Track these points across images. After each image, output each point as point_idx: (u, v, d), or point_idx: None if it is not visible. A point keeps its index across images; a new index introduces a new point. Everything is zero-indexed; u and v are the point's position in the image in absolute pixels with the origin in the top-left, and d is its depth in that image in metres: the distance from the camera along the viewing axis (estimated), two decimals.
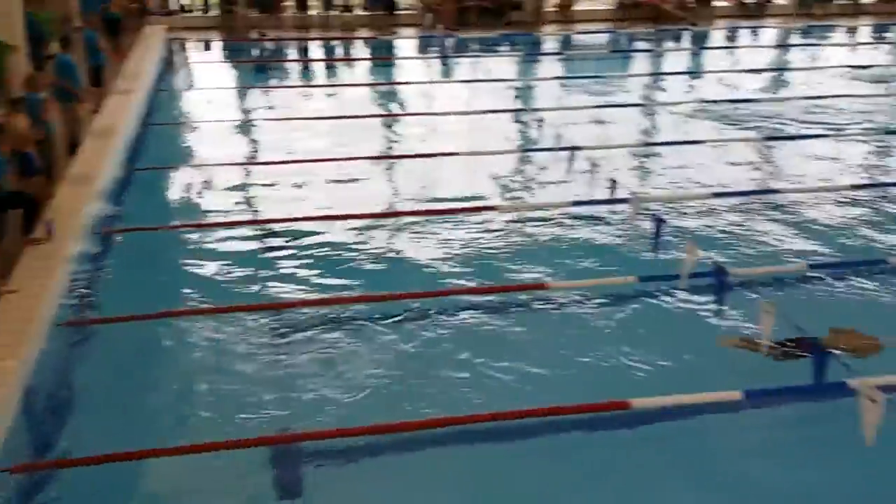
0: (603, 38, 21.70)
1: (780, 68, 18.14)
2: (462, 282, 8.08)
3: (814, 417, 6.10)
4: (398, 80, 17.81)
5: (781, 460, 5.70)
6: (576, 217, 9.68)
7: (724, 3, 24.28)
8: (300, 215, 9.73)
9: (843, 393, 5.77)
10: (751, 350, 6.48)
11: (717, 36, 22.29)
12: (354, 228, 9.44)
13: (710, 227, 9.48)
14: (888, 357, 6.64)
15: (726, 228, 9.43)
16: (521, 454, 5.78)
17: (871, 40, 21.90)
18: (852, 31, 22.77)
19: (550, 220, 9.67)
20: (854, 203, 10.16)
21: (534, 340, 7.09)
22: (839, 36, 22.28)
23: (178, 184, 11.19)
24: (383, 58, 19.99)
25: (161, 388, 6.51)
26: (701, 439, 5.99)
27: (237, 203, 10.42)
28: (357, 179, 11.23)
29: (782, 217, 9.73)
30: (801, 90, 16.06)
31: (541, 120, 11.24)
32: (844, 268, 8.33)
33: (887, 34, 22.38)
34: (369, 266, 8.56)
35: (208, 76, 18.26)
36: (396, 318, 7.40)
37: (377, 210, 10.04)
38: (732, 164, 11.79)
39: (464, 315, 7.50)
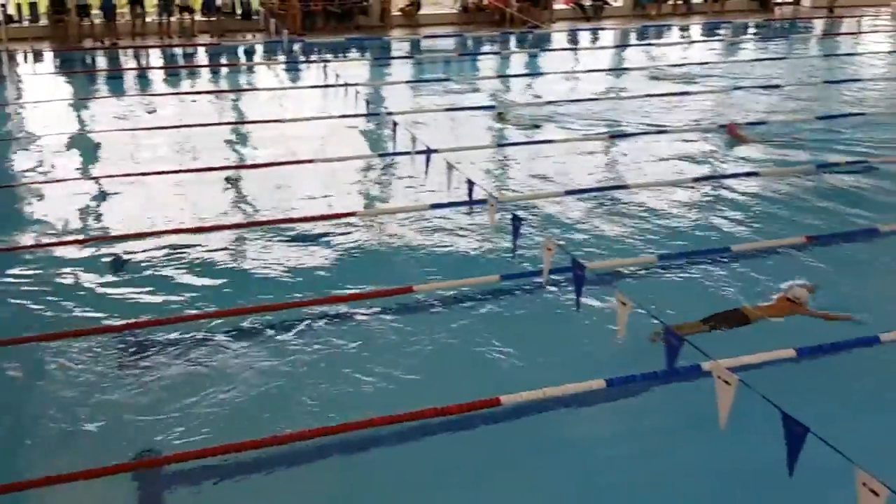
0: (450, 42, 21.98)
1: (619, 68, 18.87)
2: (327, 290, 7.98)
3: (674, 398, 6.37)
4: (244, 86, 17.43)
5: (644, 442, 5.93)
6: (436, 220, 9.76)
7: (563, 7, 25.11)
8: (147, 230, 9.36)
9: (698, 375, 6.09)
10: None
11: (558, 38, 22.98)
12: (208, 241, 9.15)
13: (566, 223, 9.75)
14: (741, 337, 7.06)
15: (582, 224, 9.72)
16: (397, 459, 5.75)
17: (701, 39, 23.12)
18: (685, 30, 23.98)
19: (411, 223, 9.71)
20: (696, 195, 10.69)
21: (403, 344, 7.08)
22: (673, 35, 23.40)
23: (13, 202, 10.53)
24: (228, 64, 19.52)
25: (5, 422, 6.10)
26: (570, 429, 6.14)
27: (78, 220, 9.89)
28: (208, 191, 10.91)
29: (632, 211, 10.12)
30: (638, 89, 16.72)
31: (395, 123, 11.26)
32: (691, 256, 8.75)
33: (717, 32, 23.70)
34: (226, 280, 8.30)
35: (41, 88, 17.32)
36: (260, 332, 7.23)
37: (231, 221, 9.77)
38: (582, 161, 12.19)
39: (331, 324, 7.41)
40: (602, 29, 23.59)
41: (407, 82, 17.60)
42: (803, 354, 6.74)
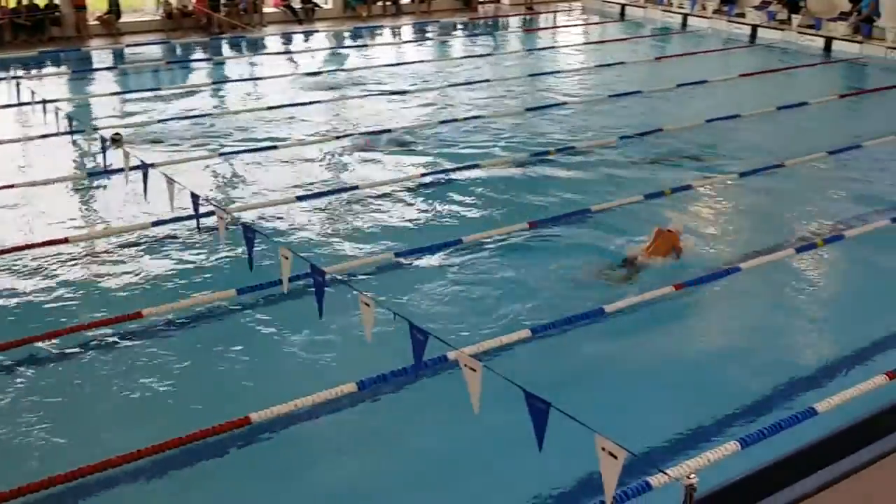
0: (157, 50, 20.93)
1: (335, 69, 18.86)
2: (42, 326, 7.25)
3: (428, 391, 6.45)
4: None
5: (400, 439, 5.99)
6: (161, 238, 9.24)
7: (273, 10, 24.78)
8: None
9: (445, 365, 6.21)
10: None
11: (271, 42, 22.62)
12: None
13: (300, 229, 9.61)
14: (481, 323, 7.30)
15: (316, 230, 9.63)
16: (142, 500, 5.36)
17: (410, 40, 23.73)
18: (395, 32, 24.48)
19: (133, 244, 9.10)
20: (423, 192, 10.90)
21: (138, 374, 6.63)
22: (385, 36, 23.81)
23: None
24: None
25: None
26: (324, 437, 6.04)
27: None
28: None
29: (363, 212, 10.17)
30: (353, 90, 16.72)
31: (103, 140, 10.47)
32: (427, 252, 8.93)
33: (426, 33, 24.45)
34: None
35: None
36: None
37: None
38: (307, 166, 12.03)
39: (51, 362, 6.79)
40: (315, 31, 23.50)
41: (112, 94, 16.49)
42: (538, 332, 7.10)
